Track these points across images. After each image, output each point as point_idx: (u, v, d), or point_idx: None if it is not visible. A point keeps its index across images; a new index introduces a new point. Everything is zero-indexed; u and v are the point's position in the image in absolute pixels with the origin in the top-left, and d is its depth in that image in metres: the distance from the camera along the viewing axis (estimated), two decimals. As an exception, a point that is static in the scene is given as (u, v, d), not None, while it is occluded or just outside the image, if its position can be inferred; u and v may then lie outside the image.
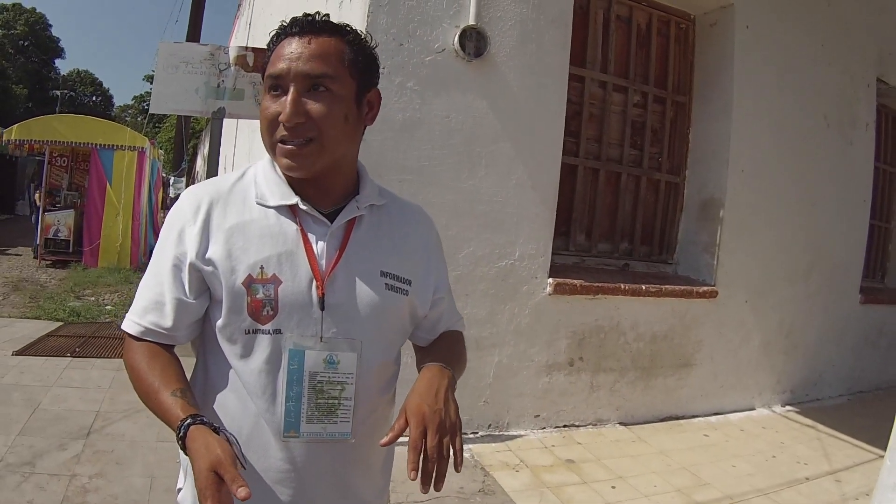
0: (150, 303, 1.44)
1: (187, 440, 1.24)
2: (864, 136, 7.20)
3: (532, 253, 4.99)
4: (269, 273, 1.41)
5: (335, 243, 1.47)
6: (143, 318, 1.44)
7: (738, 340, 6.18)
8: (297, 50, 1.39)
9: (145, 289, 1.46)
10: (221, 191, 1.49)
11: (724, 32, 5.99)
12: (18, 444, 4.38)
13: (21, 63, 50.60)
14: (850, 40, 6.84)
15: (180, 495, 1.56)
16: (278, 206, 1.46)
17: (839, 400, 7.11)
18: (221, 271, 1.40)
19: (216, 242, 1.42)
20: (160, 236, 1.48)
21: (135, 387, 1.42)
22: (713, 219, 5.99)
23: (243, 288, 1.40)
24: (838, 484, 4.67)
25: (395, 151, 4.45)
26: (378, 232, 1.55)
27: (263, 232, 1.44)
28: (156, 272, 1.45)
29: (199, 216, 1.43)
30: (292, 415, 1.42)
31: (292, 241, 1.44)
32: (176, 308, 1.43)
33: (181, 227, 1.44)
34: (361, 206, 1.52)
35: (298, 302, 1.42)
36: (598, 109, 5.75)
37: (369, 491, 1.61)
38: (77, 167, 14.86)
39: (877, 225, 8.14)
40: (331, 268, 1.45)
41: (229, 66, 4.87)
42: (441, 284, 1.68)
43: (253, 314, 1.40)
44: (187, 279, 1.42)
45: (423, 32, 4.54)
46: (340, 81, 1.41)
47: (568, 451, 4.81)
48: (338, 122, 1.41)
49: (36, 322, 8.31)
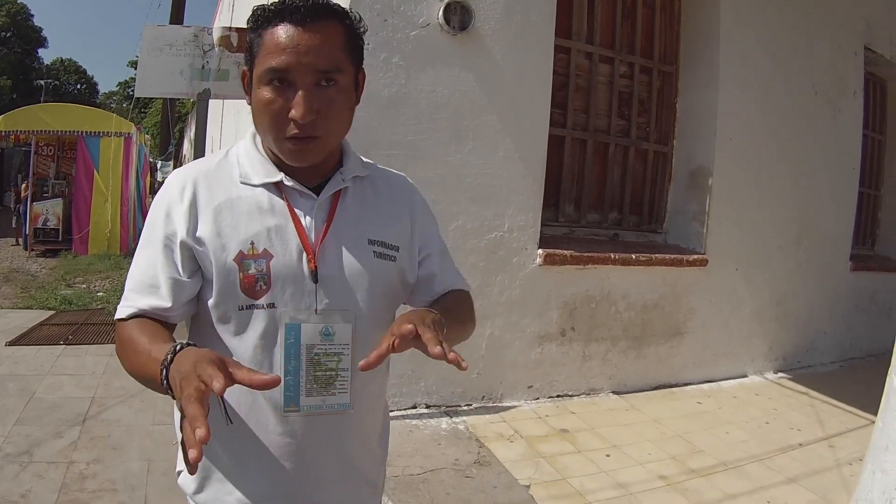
0: (144, 286, 1.41)
1: (173, 366, 1.16)
2: (852, 105, 7.21)
3: (521, 225, 5.00)
4: (260, 248, 1.40)
5: (322, 216, 1.47)
6: (137, 301, 1.40)
7: (730, 309, 6.21)
8: (302, 41, 1.33)
9: (137, 273, 1.43)
10: (206, 171, 1.47)
11: (711, 1, 5.97)
12: (15, 434, 4.39)
13: (4, 54, 50.09)
14: (838, 9, 6.83)
15: (181, 478, 1.55)
16: (263, 184, 1.46)
17: (831, 367, 7.15)
18: (212, 249, 1.39)
19: (205, 221, 1.40)
20: (147, 220, 1.46)
21: (124, 355, 1.37)
22: (702, 188, 6.00)
23: (235, 264, 1.39)
24: (832, 449, 4.70)
25: (381, 127, 4.43)
26: (363, 202, 1.55)
27: (251, 208, 1.43)
28: (146, 255, 1.42)
29: (186, 196, 1.42)
30: (291, 389, 1.42)
31: (280, 216, 1.44)
32: (172, 288, 1.40)
33: (168, 207, 1.42)
34: (346, 178, 1.52)
35: (291, 275, 1.41)
36: (585, 80, 5.73)
37: (367, 462, 1.61)
38: (64, 156, 14.82)
39: (866, 192, 8.17)
40: (320, 240, 1.44)
41: (213, 48, 4.85)
42: (428, 242, 1.67)
43: (246, 290, 1.39)
44: (180, 258, 1.40)
45: (407, 7, 4.52)
46: (344, 71, 1.39)
47: (562, 420, 4.84)
48: (344, 115, 1.42)
49: (28, 312, 8.31)
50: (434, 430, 4.48)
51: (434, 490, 3.68)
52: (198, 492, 1.49)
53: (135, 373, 1.33)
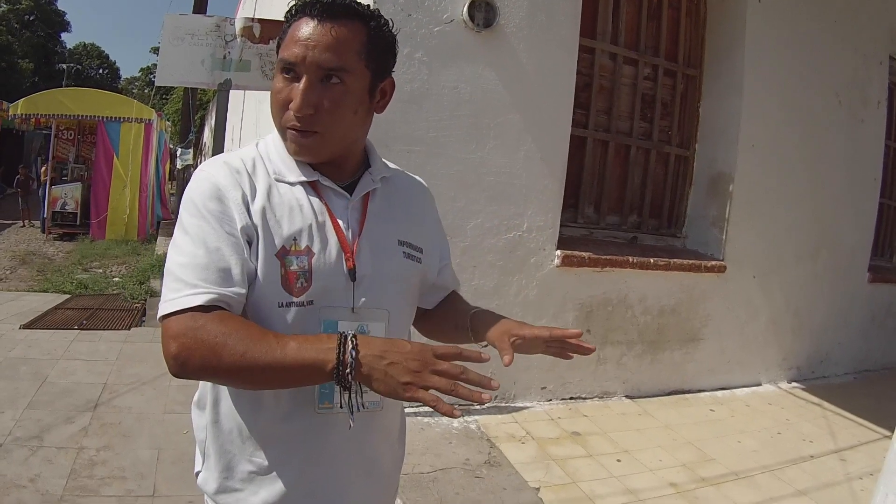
0: (213, 272, 1.31)
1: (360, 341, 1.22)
2: (875, 115, 7.14)
3: (540, 225, 4.97)
4: (303, 245, 1.40)
5: (356, 216, 1.48)
6: (206, 287, 1.29)
7: (746, 316, 6.16)
8: (314, 36, 1.35)
9: (195, 260, 1.32)
10: (246, 163, 1.45)
11: (737, 6, 5.92)
12: (26, 418, 4.40)
13: (27, 37, 50.40)
14: (863, 18, 6.76)
15: (200, 478, 1.54)
16: (300, 182, 1.45)
17: (845, 378, 7.09)
18: (261, 242, 1.37)
19: (254, 213, 1.38)
20: (192, 207, 1.37)
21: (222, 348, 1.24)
22: (722, 193, 5.95)
23: (277, 260, 1.37)
24: (843, 463, 4.66)
25: (402, 122, 4.42)
26: (390, 203, 1.56)
27: (291, 206, 1.42)
28: (205, 241, 1.33)
29: (236, 184, 1.39)
30: (327, 386, 1.41)
31: (320, 215, 1.43)
32: (243, 271, 1.34)
33: (221, 194, 1.37)
34: (375, 178, 1.53)
35: (331, 273, 1.41)
36: (609, 81, 5.69)
37: (389, 458, 1.63)
38: (84, 140, 14.95)
39: (886, 204, 8.08)
40: (356, 240, 1.45)
41: (235, 38, 4.84)
42: (445, 252, 1.74)
43: (286, 286, 1.38)
44: (243, 242, 1.35)
45: (431, 3, 4.50)
46: (355, 74, 1.38)
47: (574, 423, 4.81)
48: (346, 117, 1.40)
49: (43, 295, 8.36)
50: (445, 428, 4.47)
51: (443, 489, 3.67)
52: (220, 492, 1.48)
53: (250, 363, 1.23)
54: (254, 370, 1.24)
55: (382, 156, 1.66)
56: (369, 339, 1.24)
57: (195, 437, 1.57)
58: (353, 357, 1.20)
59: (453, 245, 4.52)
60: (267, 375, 1.25)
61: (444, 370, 1.21)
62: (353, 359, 1.20)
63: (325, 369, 1.21)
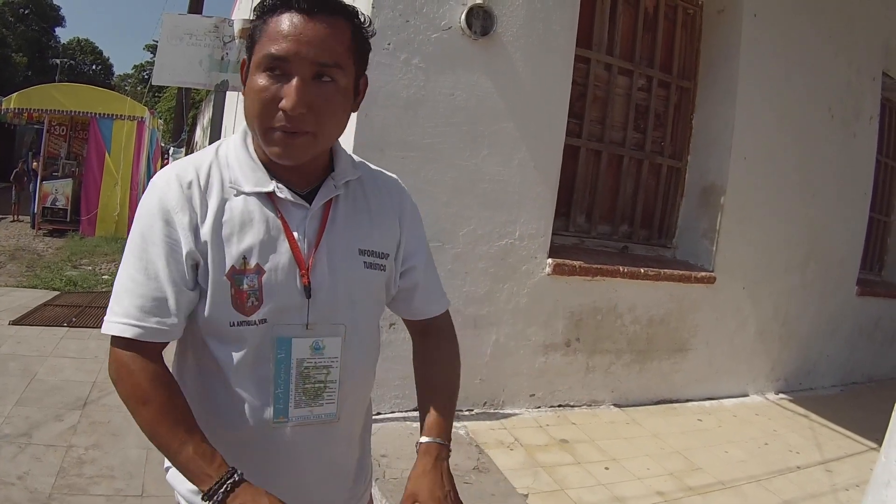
0: (148, 300, 1.32)
1: (232, 497, 1.24)
2: (867, 129, 7.19)
3: (532, 233, 4.99)
4: (252, 263, 1.36)
5: (314, 226, 1.43)
6: (144, 319, 1.32)
7: (735, 327, 6.20)
8: (306, 31, 1.29)
9: (135, 285, 1.33)
10: (200, 174, 1.39)
11: (732, 20, 5.96)
12: (15, 415, 4.40)
13: (21, 31, 50.22)
14: (857, 33, 6.81)
15: (169, 474, 1.55)
16: (255, 193, 1.40)
17: (833, 390, 7.14)
18: (210, 262, 1.34)
19: (203, 233, 1.34)
20: (139, 224, 1.36)
21: (141, 418, 1.32)
22: (714, 205, 5.99)
23: (227, 280, 1.34)
24: (829, 474, 4.69)
25: (398, 128, 4.43)
26: (354, 208, 1.52)
27: (243, 220, 1.37)
28: (146, 265, 1.33)
29: (187, 203, 1.35)
30: (281, 401, 1.42)
31: (273, 229, 1.39)
32: (178, 302, 1.34)
33: (168, 212, 1.34)
34: (338, 184, 1.48)
35: (283, 291, 1.38)
36: (603, 92, 5.72)
37: (351, 462, 1.64)
38: (76, 136, 14.90)
39: (876, 218, 8.15)
40: (312, 253, 1.41)
41: (233, 39, 4.84)
42: (415, 252, 1.64)
43: (237, 306, 1.36)
44: (186, 269, 1.34)
45: (429, 9, 4.51)
46: (345, 70, 1.35)
47: (562, 430, 4.83)
48: (338, 115, 1.38)
49: (32, 291, 8.33)
50: (434, 433, 4.47)
51: (432, 494, 3.67)
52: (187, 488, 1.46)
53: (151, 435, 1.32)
54: (154, 441, 1.33)
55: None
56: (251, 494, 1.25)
57: None
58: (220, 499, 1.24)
59: (445, 251, 4.56)
60: (163, 451, 1.33)
61: None
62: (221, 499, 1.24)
63: (201, 488, 1.26)
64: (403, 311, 1.71)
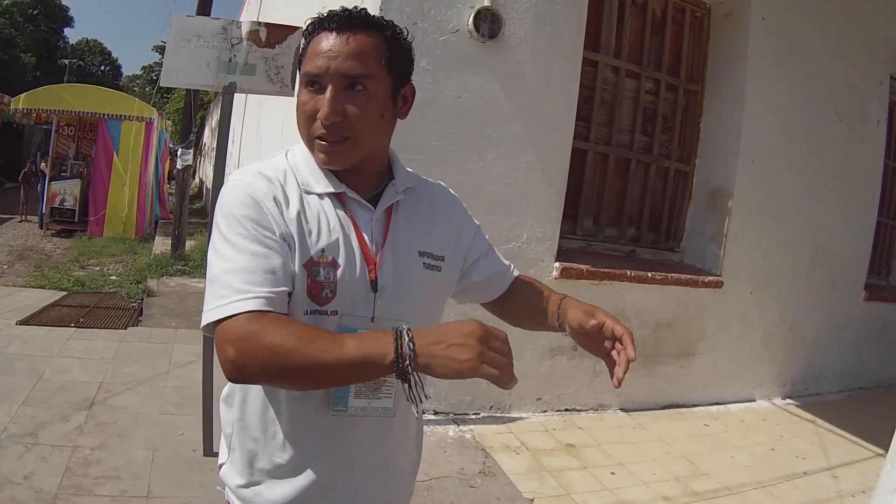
0: (259, 275, 1.35)
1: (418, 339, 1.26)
2: (874, 133, 7.17)
3: (539, 236, 4.99)
4: (329, 257, 1.44)
5: (380, 228, 1.52)
6: (257, 290, 1.33)
7: (741, 331, 6.18)
8: (335, 47, 1.39)
9: (245, 263, 1.36)
10: (277, 174, 1.48)
11: (739, 23, 5.95)
12: (21, 415, 4.39)
13: (30, 31, 50.40)
14: (864, 37, 6.80)
15: (223, 470, 1.60)
16: (327, 193, 1.49)
17: (839, 395, 7.11)
18: (294, 251, 1.41)
19: (288, 221, 1.43)
20: (226, 217, 1.41)
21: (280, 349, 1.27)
22: (721, 209, 5.98)
23: (305, 270, 1.42)
24: (835, 480, 4.68)
25: (405, 130, 4.41)
26: (412, 213, 1.60)
27: (320, 217, 1.46)
28: (247, 248, 1.37)
29: (270, 194, 1.43)
30: (342, 390, 1.46)
31: (346, 227, 1.48)
32: (285, 273, 1.38)
33: (259, 203, 1.41)
34: (399, 190, 1.56)
35: (354, 285, 1.45)
36: (610, 95, 5.72)
37: (405, 463, 1.67)
38: (84, 137, 14.92)
39: (884, 222, 8.12)
40: (379, 252, 1.50)
41: (242, 41, 4.84)
42: (478, 245, 1.75)
43: (312, 296, 1.42)
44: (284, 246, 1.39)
45: (437, 12, 4.52)
46: (377, 80, 1.42)
47: (568, 435, 4.83)
48: (373, 121, 1.44)
49: (40, 291, 8.33)
50: (441, 437, 4.48)
51: (438, 498, 3.68)
52: (241, 486, 1.54)
53: (312, 362, 1.27)
54: (316, 369, 1.28)
55: None
56: (421, 330, 1.28)
57: (223, 430, 1.63)
58: (411, 349, 1.24)
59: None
60: (328, 373, 1.29)
61: (498, 347, 1.26)
62: (410, 350, 1.24)
63: (384, 363, 1.25)
64: (484, 297, 1.85)
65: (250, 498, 1.53)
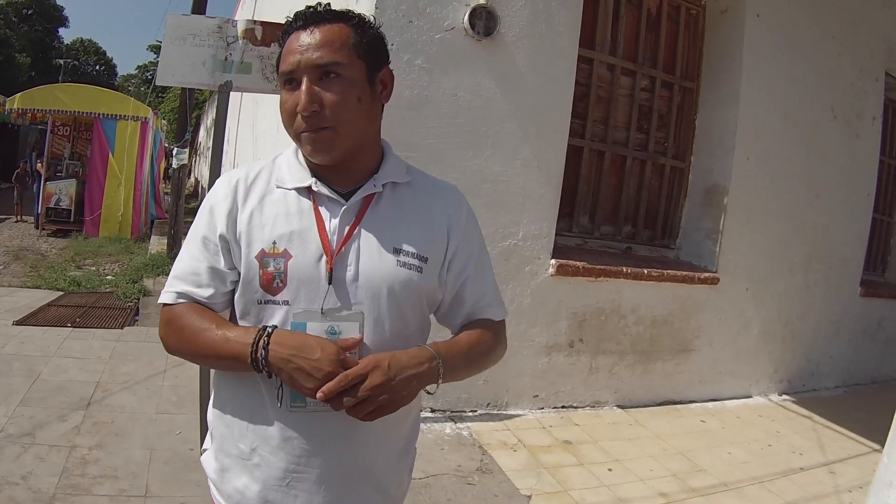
0: (187, 274, 1.55)
1: (273, 339, 1.38)
2: (870, 130, 7.19)
3: (536, 234, 4.99)
4: (281, 248, 1.48)
5: (348, 219, 1.52)
6: (177, 286, 1.54)
7: (738, 328, 6.20)
8: (304, 42, 1.45)
9: (182, 263, 1.57)
10: (249, 175, 1.58)
11: (735, 20, 5.96)
12: (19, 415, 4.38)
13: (24, 31, 50.17)
14: (860, 33, 6.81)
15: (203, 457, 1.66)
16: (295, 188, 1.54)
17: (835, 391, 7.13)
18: (242, 246, 1.50)
19: (241, 220, 1.52)
20: (196, 218, 1.60)
21: (181, 336, 1.52)
22: (717, 205, 5.99)
23: (256, 261, 1.49)
24: (832, 475, 4.69)
25: (401, 128, 4.43)
26: (399, 209, 1.58)
27: (280, 211, 1.52)
28: (190, 248, 1.56)
29: (229, 196, 1.54)
30: None
31: (306, 219, 1.51)
32: (211, 276, 1.53)
33: (213, 206, 1.55)
34: (378, 183, 1.56)
35: (307, 276, 1.47)
36: (606, 92, 5.72)
37: (383, 468, 1.61)
38: (79, 136, 14.89)
39: (879, 219, 8.14)
40: (342, 243, 1.50)
41: (237, 40, 4.83)
42: (466, 264, 1.66)
43: (264, 286, 1.48)
44: (219, 249, 1.52)
45: (432, 10, 4.52)
46: (349, 66, 1.46)
47: (565, 431, 4.83)
48: (352, 106, 1.46)
49: (36, 291, 8.32)
50: (438, 434, 4.48)
51: (435, 495, 3.68)
52: (214, 470, 1.60)
53: (198, 350, 1.51)
54: (205, 358, 1.55)
55: None
56: (289, 336, 1.41)
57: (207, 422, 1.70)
58: (263, 356, 1.38)
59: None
60: (211, 361, 1.51)
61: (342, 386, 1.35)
62: (262, 357, 1.38)
63: (246, 361, 1.40)
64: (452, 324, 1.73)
65: (220, 484, 1.59)
